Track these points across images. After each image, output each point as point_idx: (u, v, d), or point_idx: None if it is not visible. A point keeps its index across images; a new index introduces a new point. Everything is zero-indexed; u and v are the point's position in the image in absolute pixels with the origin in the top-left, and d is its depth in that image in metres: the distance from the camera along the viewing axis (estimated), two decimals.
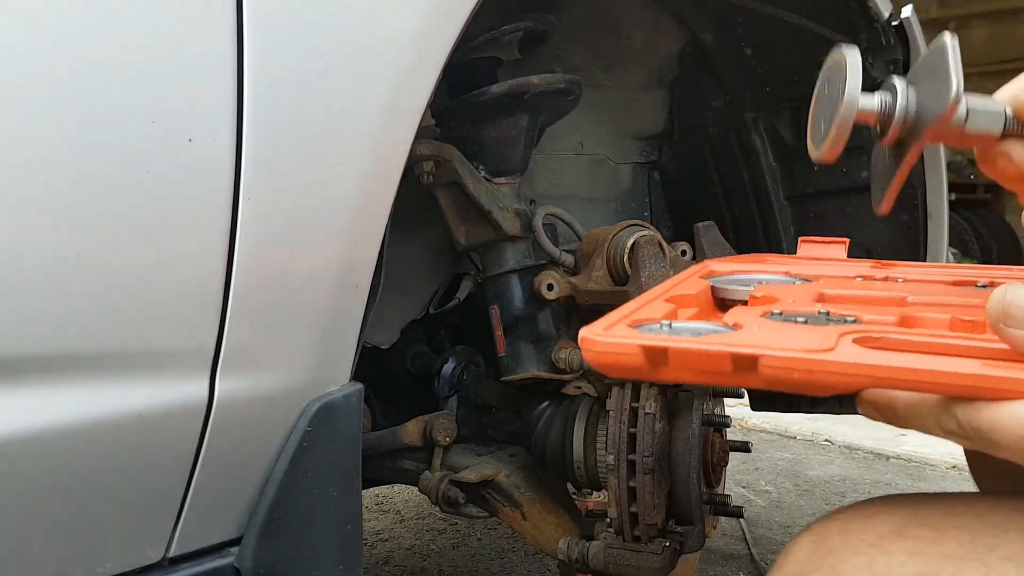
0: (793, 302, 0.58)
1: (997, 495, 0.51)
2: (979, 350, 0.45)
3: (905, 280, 0.70)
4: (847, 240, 0.92)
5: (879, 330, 0.48)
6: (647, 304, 0.57)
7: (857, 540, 0.51)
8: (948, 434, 0.44)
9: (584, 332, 0.48)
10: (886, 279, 0.70)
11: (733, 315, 0.55)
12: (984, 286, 0.66)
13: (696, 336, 0.49)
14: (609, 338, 0.48)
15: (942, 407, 0.43)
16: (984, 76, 7.62)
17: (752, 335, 0.49)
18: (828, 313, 0.54)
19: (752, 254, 1.02)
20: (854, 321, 0.52)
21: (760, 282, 0.67)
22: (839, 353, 0.44)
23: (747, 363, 0.44)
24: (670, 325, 0.52)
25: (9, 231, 0.63)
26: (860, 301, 0.61)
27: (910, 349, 0.46)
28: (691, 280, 0.67)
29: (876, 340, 0.47)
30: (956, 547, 0.48)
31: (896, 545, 0.49)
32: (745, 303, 0.62)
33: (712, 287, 0.65)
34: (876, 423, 0.49)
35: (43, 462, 0.66)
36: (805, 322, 0.52)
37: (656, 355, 0.46)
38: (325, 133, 0.77)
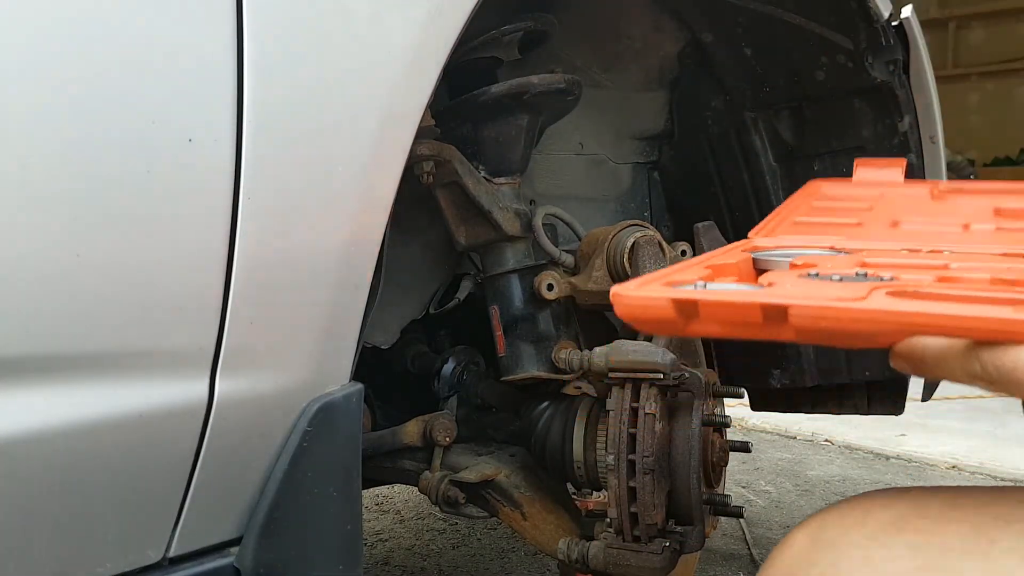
0: (832, 267, 0.57)
1: (998, 487, 0.50)
2: (1011, 300, 0.45)
3: (952, 253, 0.67)
4: (904, 161, 0.88)
5: (914, 283, 0.47)
6: (685, 269, 0.56)
7: (855, 534, 0.50)
8: (972, 378, 0.43)
9: (616, 288, 0.48)
10: (932, 252, 0.68)
11: (768, 277, 0.54)
12: None
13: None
14: (641, 292, 0.47)
15: (968, 351, 0.42)
16: (984, 76, 7.63)
17: (784, 290, 0.49)
18: (866, 274, 0.54)
19: (806, 185, 0.93)
20: (890, 279, 0.51)
21: (803, 254, 0.66)
22: (869, 302, 0.43)
23: (777, 314, 0.43)
24: (704, 285, 0.51)
25: (9, 231, 0.63)
26: (901, 267, 0.60)
27: (943, 300, 0.46)
28: (732, 252, 0.66)
29: (909, 293, 0.46)
30: (957, 540, 0.46)
31: (895, 538, 0.48)
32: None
33: (753, 259, 0.64)
34: (876, 423, 0.49)
35: (43, 462, 0.66)
36: (840, 280, 0.51)
37: (686, 307, 0.45)
38: (325, 133, 0.77)
